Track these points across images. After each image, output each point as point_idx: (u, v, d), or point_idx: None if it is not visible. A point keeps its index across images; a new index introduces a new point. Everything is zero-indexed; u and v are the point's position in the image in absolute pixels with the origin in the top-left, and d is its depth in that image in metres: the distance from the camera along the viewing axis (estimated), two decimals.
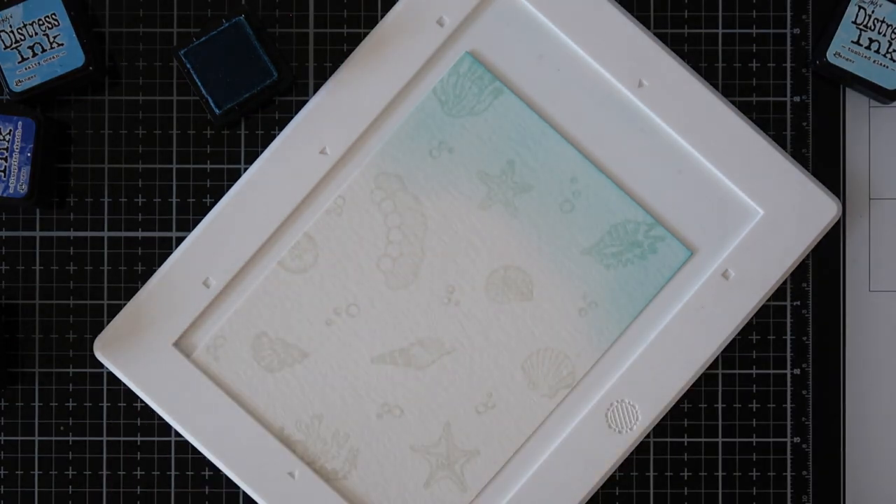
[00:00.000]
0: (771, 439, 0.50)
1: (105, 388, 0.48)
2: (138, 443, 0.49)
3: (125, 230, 0.50)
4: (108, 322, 0.48)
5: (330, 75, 0.48)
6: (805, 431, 0.50)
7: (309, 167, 0.48)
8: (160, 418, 0.49)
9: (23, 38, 0.48)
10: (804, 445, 0.50)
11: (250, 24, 0.48)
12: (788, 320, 0.50)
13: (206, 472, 0.49)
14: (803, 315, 0.50)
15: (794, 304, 0.50)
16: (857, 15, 0.49)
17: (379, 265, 0.48)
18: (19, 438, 0.50)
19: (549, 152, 0.48)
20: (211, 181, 0.50)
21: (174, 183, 0.50)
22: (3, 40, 0.48)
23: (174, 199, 0.50)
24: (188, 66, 0.48)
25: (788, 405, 0.50)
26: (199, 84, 0.48)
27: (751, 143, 0.48)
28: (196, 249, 0.48)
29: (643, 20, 0.49)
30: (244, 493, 0.49)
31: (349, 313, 0.48)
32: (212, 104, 0.48)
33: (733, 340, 0.49)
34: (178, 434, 0.49)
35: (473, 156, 0.48)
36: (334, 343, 0.48)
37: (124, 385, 0.49)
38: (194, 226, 0.49)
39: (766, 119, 0.50)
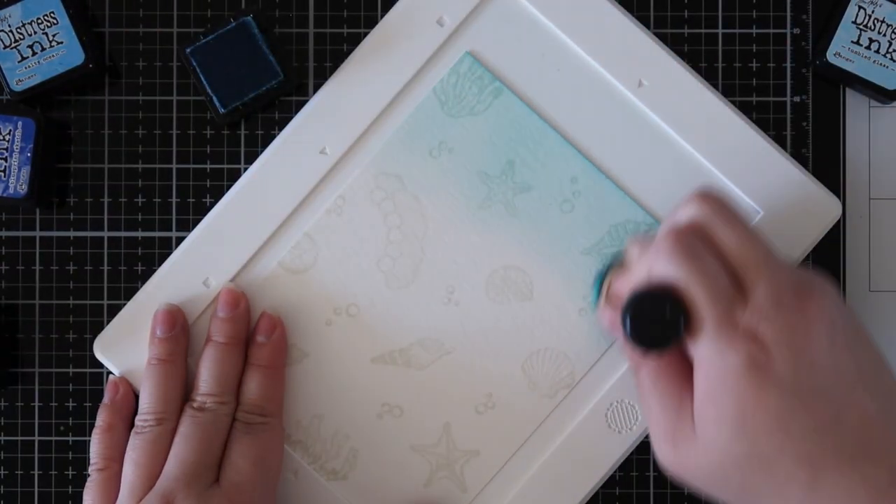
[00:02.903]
0: None
1: (105, 388, 0.48)
2: None
3: (125, 230, 0.50)
4: (108, 322, 0.48)
5: (330, 75, 0.48)
6: None
7: (309, 167, 0.48)
8: None
9: (22, 37, 0.48)
10: None
11: (258, 24, 0.48)
12: None
13: None
14: None
15: None
16: (857, 15, 0.49)
17: (379, 265, 0.48)
18: (19, 438, 0.50)
19: (549, 152, 0.48)
20: (211, 181, 0.50)
21: (174, 183, 0.50)
22: (2, 40, 0.48)
23: (174, 199, 0.50)
24: (194, 63, 0.48)
25: None
26: (205, 82, 0.48)
27: (751, 142, 0.48)
28: (196, 249, 0.48)
29: (643, 20, 0.49)
30: None
31: (349, 313, 0.48)
32: (216, 102, 0.48)
33: None
34: None
35: (473, 156, 0.48)
36: (334, 343, 0.48)
37: None
38: (194, 226, 0.49)
39: (766, 119, 0.50)
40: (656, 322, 0.39)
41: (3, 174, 0.48)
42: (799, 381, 0.38)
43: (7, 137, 0.47)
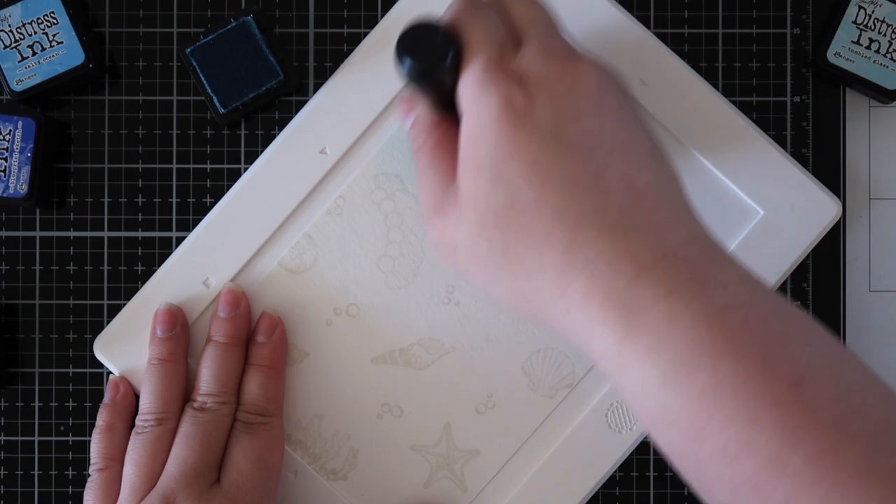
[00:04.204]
0: None
1: (105, 388, 0.48)
2: None
3: (125, 230, 0.50)
4: (108, 322, 0.48)
5: (330, 75, 0.48)
6: None
7: (309, 167, 0.48)
8: None
9: (22, 37, 0.48)
10: None
11: (258, 24, 0.48)
12: None
13: None
14: None
15: (794, 303, 0.50)
16: (857, 15, 0.49)
17: (379, 265, 0.48)
18: (19, 438, 0.50)
19: None
20: (211, 181, 0.50)
21: (174, 183, 0.50)
22: (2, 40, 0.48)
23: (174, 199, 0.50)
24: (194, 63, 0.48)
25: None
26: (205, 82, 0.48)
27: (751, 142, 0.48)
28: (196, 249, 0.48)
29: (643, 20, 0.49)
30: None
31: (349, 313, 0.48)
32: (216, 103, 0.48)
33: None
34: None
35: None
36: (334, 343, 0.48)
37: None
38: (194, 226, 0.49)
39: (766, 119, 0.50)
40: (427, 50, 0.37)
41: (3, 174, 0.48)
42: (558, 130, 0.36)
43: (7, 137, 0.47)
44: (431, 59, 0.37)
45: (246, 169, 0.49)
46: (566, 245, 0.35)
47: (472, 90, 0.37)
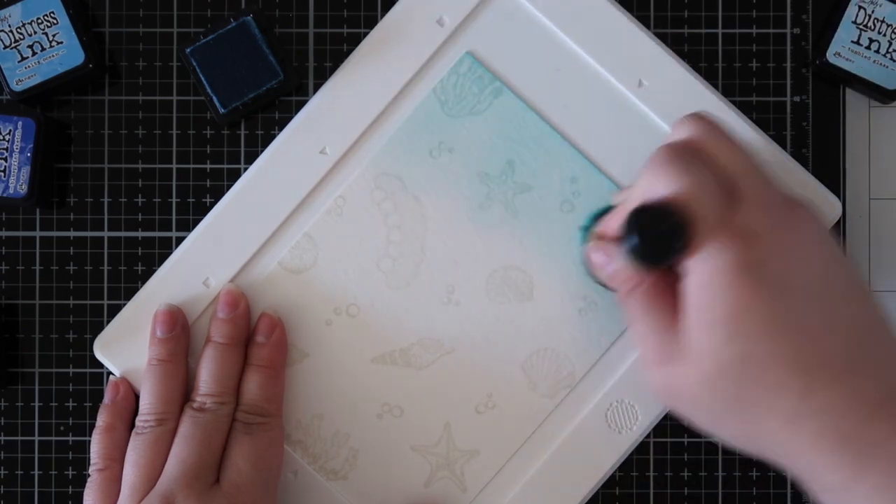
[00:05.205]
0: None
1: (105, 388, 0.48)
2: None
3: (125, 230, 0.50)
4: (108, 322, 0.48)
5: (330, 75, 0.48)
6: None
7: (309, 167, 0.48)
8: None
9: (22, 37, 0.48)
10: None
11: (258, 24, 0.48)
12: None
13: None
14: None
15: None
16: (857, 15, 0.49)
17: (379, 265, 0.48)
18: (19, 438, 0.50)
19: (549, 152, 0.48)
20: (211, 181, 0.50)
21: (174, 183, 0.50)
22: (2, 40, 0.48)
23: (174, 199, 0.50)
24: (194, 64, 0.48)
25: None
26: (205, 82, 0.48)
27: (751, 143, 0.48)
28: (196, 249, 0.48)
29: (643, 20, 0.49)
30: None
31: (349, 313, 0.48)
32: (216, 103, 0.48)
33: None
34: None
35: (473, 156, 0.48)
36: (334, 343, 0.48)
37: None
38: (194, 226, 0.49)
39: (766, 119, 0.50)
40: (658, 236, 0.37)
41: (3, 174, 0.48)
42: (792, 282, 0.37)
43: (7, 137, 0.47)
44: (668, 245, 0.38)
45: (246, 169, 0.49)
46: (799, 392, 0.36)
47: (702, 251, 0.37)
